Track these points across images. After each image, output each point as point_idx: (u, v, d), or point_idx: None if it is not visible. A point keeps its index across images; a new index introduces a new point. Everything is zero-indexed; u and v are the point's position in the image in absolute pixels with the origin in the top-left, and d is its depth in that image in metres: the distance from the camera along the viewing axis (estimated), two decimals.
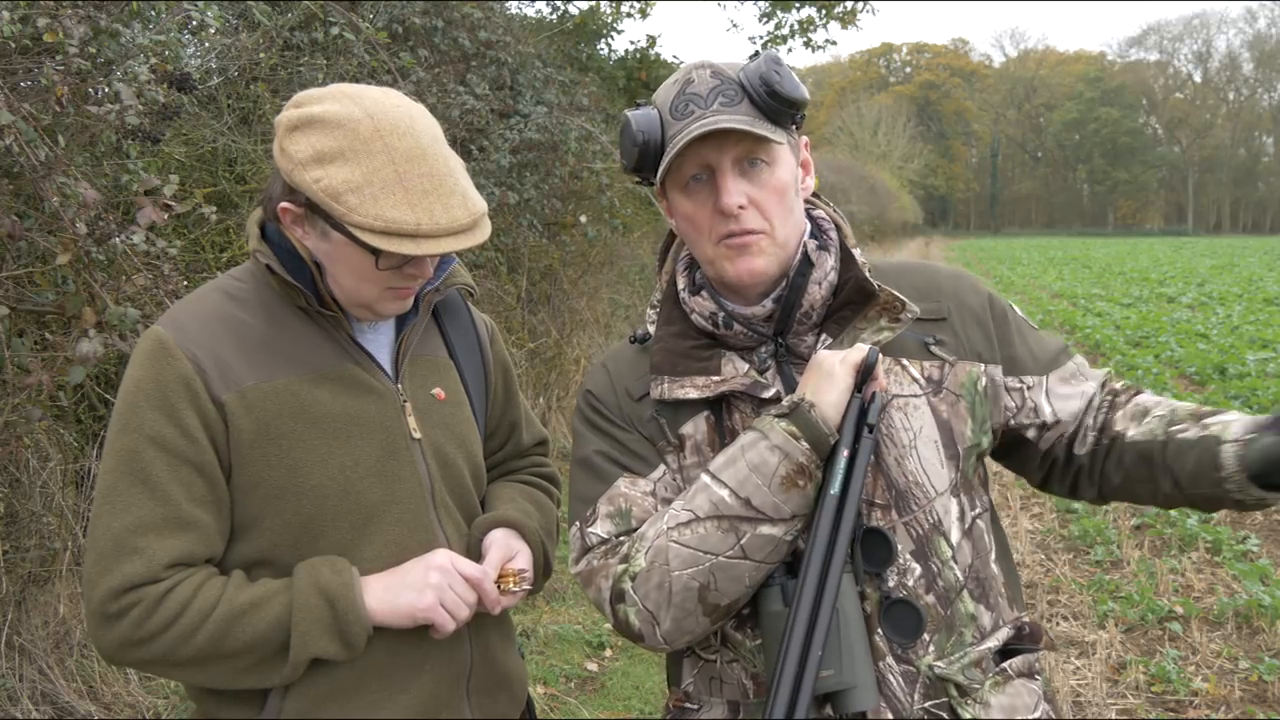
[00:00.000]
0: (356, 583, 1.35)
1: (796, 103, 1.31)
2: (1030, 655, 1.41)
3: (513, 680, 1.60)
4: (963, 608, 1.36)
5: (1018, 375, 1.45)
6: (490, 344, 1.67)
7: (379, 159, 1.28)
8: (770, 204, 1.34)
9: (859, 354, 1.31)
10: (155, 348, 1.34)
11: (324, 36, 4.66)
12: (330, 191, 1.27)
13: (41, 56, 2.67)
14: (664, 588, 1.31)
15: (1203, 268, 28.34)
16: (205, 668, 1.33)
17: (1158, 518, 5.72)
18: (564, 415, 7.36)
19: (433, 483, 1.47)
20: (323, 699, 1.38)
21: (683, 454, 1.40)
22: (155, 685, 3.40)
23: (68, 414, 3.46)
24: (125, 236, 2.61)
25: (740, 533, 1.30)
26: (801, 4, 12.18)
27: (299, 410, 1.36)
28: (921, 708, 1.33)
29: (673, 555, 1.30)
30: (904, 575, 1.34)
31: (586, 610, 4.60)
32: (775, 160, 1.34)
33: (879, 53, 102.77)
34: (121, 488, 1.30)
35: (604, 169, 6.82)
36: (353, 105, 1.31)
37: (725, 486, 1.31)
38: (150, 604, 1.28)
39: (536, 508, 1.61)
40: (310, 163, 1.29)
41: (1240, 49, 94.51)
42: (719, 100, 1.31)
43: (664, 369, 1.41)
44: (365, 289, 1.37)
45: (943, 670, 1.33)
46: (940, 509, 1.37)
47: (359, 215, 1.26)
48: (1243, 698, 3.73)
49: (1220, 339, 12.22)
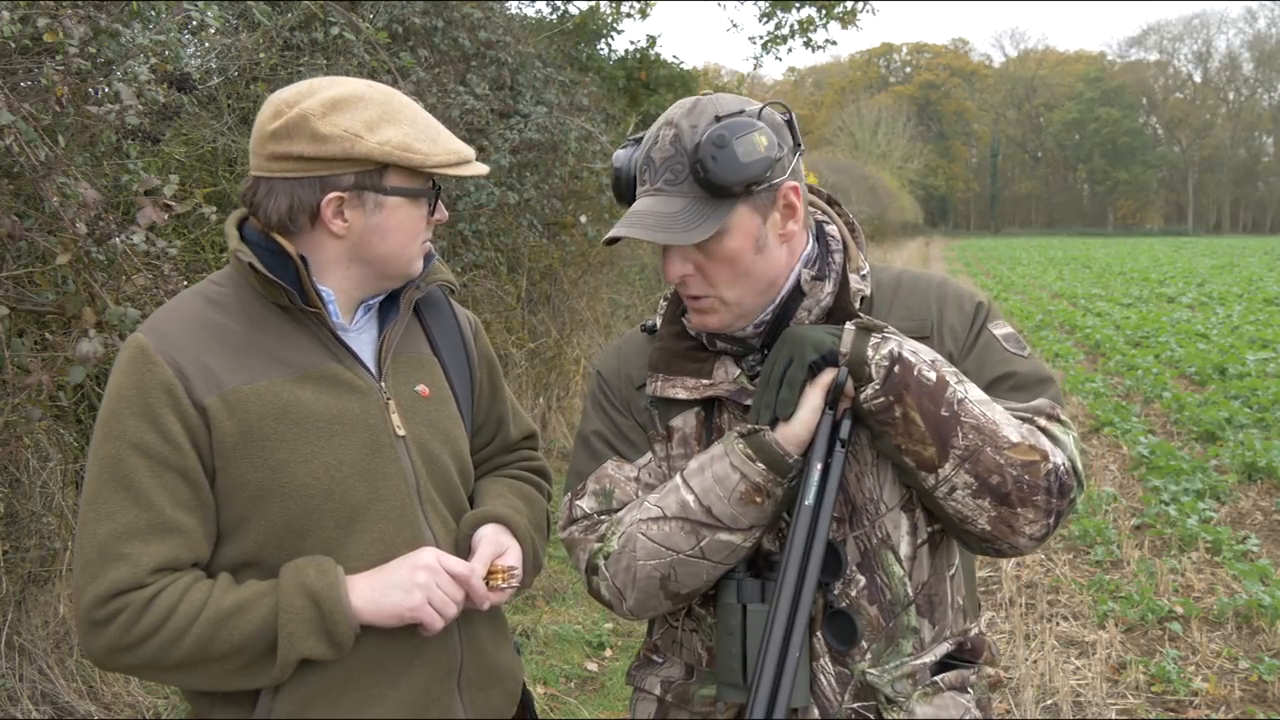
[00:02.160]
0: (342, 582, 1.35)
1: (733, 186, 1.34)
2: (965, 670, 1.47)
3: (505, 675, 1.60)
4: (906, 620, 1.44)
5: (994, 395, 1.44)
6: (474, 339, 1.67)
7: (405, 114, 1.42)
8: (716, 273, 1.40)
9: (829, 375, 1.37)
10: (136, 355, 1.35)
11: (324, 36, 4.66)
12: (402, 146, 1.38)
13: (41, 56, 2.67)
14: (630, 571, 1.43)
15: (1203, 268, 28.35)
16: (194, 671, 1.33)
17: (1158, 518, 5.72)
18: (564, 415, 7.36)
19: (418, 479, 1.47)
20: (313, 697, 1.39)
21: (670, 444, 1.51)
22: (155, 685, 3.40)
23: (68, 414, 3.46)
24: (125, 236, 2.61)
25: (700, 536, 1.40)
26: (801, 4, 12.19)
27: (281, 411, 1.37)
28: (850, 708, 1.43)
29: (639, 546, 1.42)
30: (849, 586, 1.43)
31: (586, 610, 4.60)
32: (727, 231, 1.37)
33: (879, 53, 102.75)
34: (105, 495, 1.31)
35: (604, 169, 6.82)
36: (353, 85, 1.42)
37: (692, 492, 1.40)
38: (136, 609, 1.29)
39: (526, 503, 1.62)
40: (367, 130, 1.37)
41: (1240, 49, 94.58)
42: (664, 178, 1.38)
43: (659, 367, 1.51)
44: (414, 246, 1.46)
45: (874, 678, 1.42)
46: (890, 524, 1.43)
47: (434, 159, 1.40)
48: (1243, 698, 3.74)
49: (1220, 339, 12.23)
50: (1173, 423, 8.16)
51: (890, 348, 1.36)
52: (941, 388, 1.35)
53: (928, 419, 1.34)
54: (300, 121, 1.35)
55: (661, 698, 1.55)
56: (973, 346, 1.47)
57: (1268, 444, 6.92)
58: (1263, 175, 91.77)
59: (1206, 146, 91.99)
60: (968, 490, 1.35)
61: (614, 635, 4.41)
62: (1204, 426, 7.69)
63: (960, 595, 1.50)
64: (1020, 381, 1.44)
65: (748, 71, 23.62)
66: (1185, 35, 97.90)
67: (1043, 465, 1.34)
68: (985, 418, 1.35)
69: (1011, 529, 1.36)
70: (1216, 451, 7.10)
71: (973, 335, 1.47)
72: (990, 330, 1.48)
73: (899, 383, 1.34)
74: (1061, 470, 1.36)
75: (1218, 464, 6.84)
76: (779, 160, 1.36)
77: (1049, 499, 1.35)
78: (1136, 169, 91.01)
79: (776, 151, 1.36)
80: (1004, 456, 1.34)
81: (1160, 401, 8.84)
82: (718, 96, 1.41)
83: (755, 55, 22.21)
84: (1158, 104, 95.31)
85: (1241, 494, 6.25)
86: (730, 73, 28.87)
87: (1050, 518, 1.36)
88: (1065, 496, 1.36)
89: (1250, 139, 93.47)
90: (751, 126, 1.34)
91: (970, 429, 1.34)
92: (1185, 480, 6.37)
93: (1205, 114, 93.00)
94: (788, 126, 1.43)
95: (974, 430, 1.34)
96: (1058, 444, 1.38)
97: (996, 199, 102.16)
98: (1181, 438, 7.70)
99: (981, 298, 1.52)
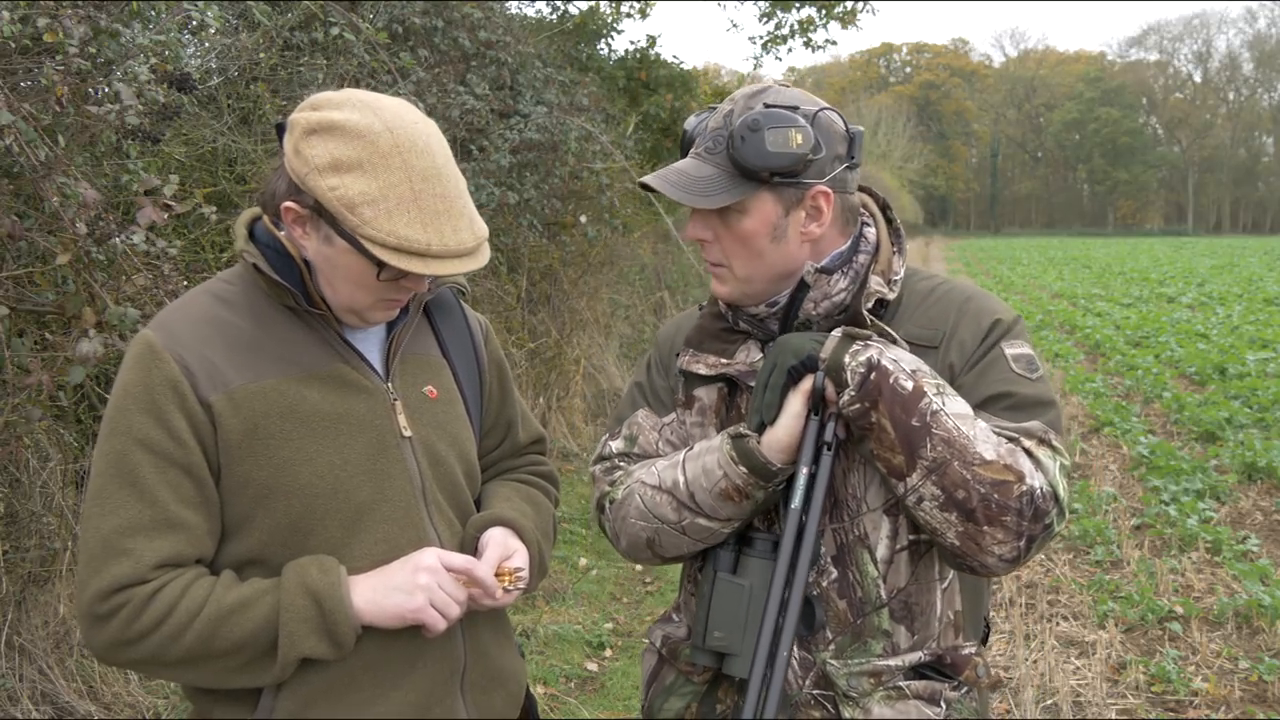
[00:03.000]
0: (344, 582, 1.35)
1: (758, 170, 1.40)
2: (938, 684, 1.46)
3: (509, 678, 1.60)
4: (876, 622, 1.46)
5: (987, 413, 1.43)
6: (484, 342, 1.67)
7: (396, 175, 1.29)
8: (730, 246, 1.48)
9: (808, 382, 1.42)
10: (143, 351, 1.35)
11: (324, 37, 4.66)
12: (345, 201, 1.28)
13: (41, 56, 2.67)
14: (625, 522, 1.55)
15: (1203, 268, 28.35)
16: (195, 667, 1.34)
17: (1158, 518, 5.72)
18: (564, 415, 7.36)
19: (423, 480, 1.47)
20: (316, 696, 1.39)
21: (690, 412, 1.60)
22: (155, 685, 3.40)
23: (68, 414, 3.46)
24: (125, 236, 2.61)
25: (683, 516, 1.49)
26: (801, 4, 12.19)
27: (287, 410, 1.37)
28: (810, 693, 1.48)
29: (634, 505, 1.53)
30: (821, 575, 1.47)
31: (586, 610, 4.61)
32: (746, 210, 1.45)
33: (879, 53, 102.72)
34: (110, 490, 1.32)
35: (604, 169, 6.82)
36: (373, 116, 1.32)
37: (684, 474, 1.49)
38: (138, 604, 1.29)
39: (533, 507, 1.62)
40: (327, 169, 1.29)
41: (1240, 49, 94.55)
42: (706, 145, 1.47)
43: (692, 342, 1.60)
44: (360, 296, 1.39)
45: (832, 670, 1.46)
46: (869, 524, 1.46)
47: (372, 229, 1.28)
48: (1243, 698, 3.74)
49: (1220, 339, 12.23)
50: (1173, 423, 8.16)
51: (869, 355, 1.38)
52: (916, 398, 1.35)
53: (898, 427, 1.35)
54: (293, 127, 1.35)
55: (660, 651, 1.67)
56: (978, 362, 1.46)
57: (1268, 444, 6.92)
58: (1263, 175, 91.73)
59: (1206, 146, 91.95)
60: (934, 502, 1.35)
61: (614, 635, 4.40)
62: (1204, 426, 7.69)
63: (953, 610, 1.49)
64: (1018, 402, 1.43)
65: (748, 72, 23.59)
66: (1185, 35, 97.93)
67: (1016, 486, 1.33)
68: (959, 432, 1.34)
69: (979, 546, 1.35)
70: (1216, 451, 7.10)
71: (981, 350, 1.46)
72: (1002, 348, 1.47)
73: (873, 389, 1.36)
74: (1038, 494, 1.34)
75: (1218, 464, 6.84)
76: (813, 162, 1.41)
77: (1020, 521, 1.33)
78: (1136, 169, 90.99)
79: (811, 153, 1.40)
80: (972, 473, 1.33)
81: (1160, 401, 8.84)
82: (784, 88, 1.47)
83: (755, 55, 22.17)
84: (1158, 104, 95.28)
85: (1241, 494, 6.25)
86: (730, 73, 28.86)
87: (1020, 540, 1.34)
88: (1040, 521, 1.34)
89: (1250, 139, 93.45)
90: (791, 122, 1.39)
91: (940, 441, 1.34)
92: (1185, 480, 6.37)
93: (1205, 114, 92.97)
94: (847, 140, 1.46)
95: (944, 443, 1.34)
96: (1040, 467, 1.36)
97: (996, 199, 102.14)
98: (1181, 438, 7.70)
99: (1004, 315, 1.50)
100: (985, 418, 1.40)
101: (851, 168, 1.47)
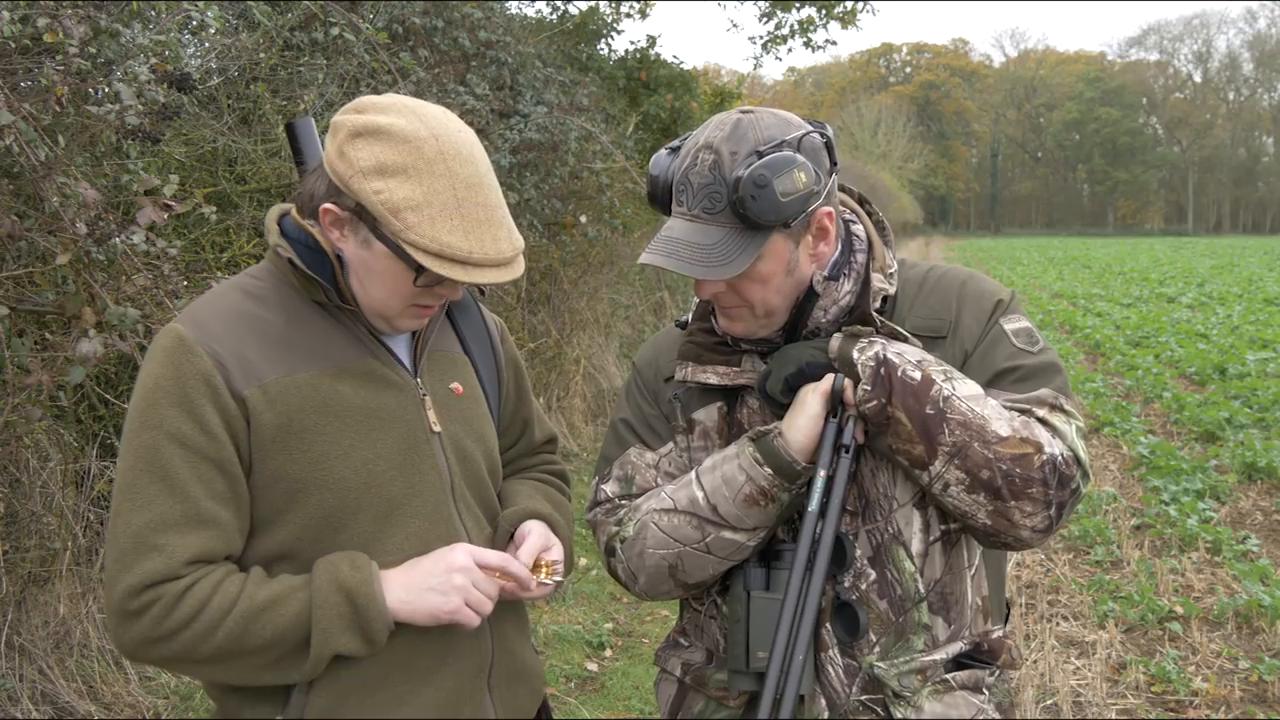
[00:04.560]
0: (376, 578, 1.35)
1: (774, 223, 1.37)
2: (980, 671, 1.48)
3: (531, 673, 1.61)
4: (918, 617, 1.45)
5: (996, 389, 1.45)
6: (501, 341, 1.68)
7: (441, 181, 1.30)
8: (749, 291, 1.44)
9: (828, 383, 1.41)
10: (175, 345, 1.34)
11: (324, 37, 4.66)
12: (390, 206, 1.29)
13: (41, 56, 2.67)
14: (642, 557, 1.50)
15: (1203, 268, 28.35)
16: (226, 664, 1.33)
17: (1158, 518, 5.72)
18: (564, 415, 7.36)
19: (452, 476, 1.47)
20: (347, 694, 1.38)
21: (691, 436, 1.56)
22: (155, 685, 3.40)
23: (68, 414, 3.46)
24: (125, 236, 2.61)
25: (706, 532, 1.45)
26: (801, 4, 12.20)
27: (321, 404, 1.37)
28: (858, 700, 1.45)
29: (650, 534, 1.49)
30: (859, 579, 1.45)
31: (586, 610, 4.60)
32: (762, 256, 1.40)
33: (879, 53, 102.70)
34: (141, 485, 1.30)
35: (604, 169, 6.82)
36: (419, 122, 1.32)
37: (702, 489, 1.46)
38: (170, 601, 1.28)
39: (555, 507, 1.62)
40: (372, 173, 1.30)
41: (1240, 49, 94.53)
42: (702, 204, 1.39)
43: (690, 356, 1.55)
44: (393, 302, 1.39)
45: (881, 671, 1.43)
46: (901, 520, 1.45)
47: (415, 234, 1.29)
48: (1243, 698, 3.74)
49: (1220, 339, 12.23)
50: (1173, 423, 8.16)
51: (875, 350, 1.39)
52: (926, 386, 1.37)
53: (913, 417, 1.36)
54: (337, 129, 1.35)
55: (681, 679, 1.60)
56: (981, 342, 1.47)
57: (1268, 444, 6.92)
58: (1263, 175, 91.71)
59: (1206, 146, 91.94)
60: (961, 486, 1.36)
61: (614, 635, 4.40)
62: (1204, 426, 7.69)
63: (981, 595, 1.51)
64: (1025, 374, 1.44)
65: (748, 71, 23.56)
66: (1185, 35, 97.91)
67: (1036, 457, 1.35)
68: (973, 413, 1.36)
69: (1011, 522, 1.36)
70: (1216, 451, 7.10)
71: (984, 331, 1.48)
72: (1001, 325, 1.49)
73: (885, 382, 1.37)
74: (1059, 460, 1.36)
75: (1218, 464, 6.84)
76: (816, 192, 1.39)
77: (1046, 490, 1.35)
78: (1136, 169, 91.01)
79: (815, 184, 1.38)
80: (993, 451, 1.34)
81: (1160, 401, 8.84)
82: (758, 117, 1.42)
83: (755, 55, 22.24)
84: (1158, 104, 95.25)
85: (1241, 494, 6.25)
86: (730, 73, 28.86)
87: (1050, 509, 1.36)
88: (1066, 487, 1.36)
89: (1250, 139, 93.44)
90: (791, 163, 1.35)
91: (957, 425, 1.35)
92: (1185, 480, 6.37)
93: (1205, 114, 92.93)
94: (826, 149, 1.45)
95: (960, 426, 1.35)
96: (1056, 434, 1.38)
97: (996, 199, 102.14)
98: (1181, 438, 7.70)
99: (1002, 294, 1.53)
100: (996, 394, 1.42)
101: (836, 172, 1.47)
